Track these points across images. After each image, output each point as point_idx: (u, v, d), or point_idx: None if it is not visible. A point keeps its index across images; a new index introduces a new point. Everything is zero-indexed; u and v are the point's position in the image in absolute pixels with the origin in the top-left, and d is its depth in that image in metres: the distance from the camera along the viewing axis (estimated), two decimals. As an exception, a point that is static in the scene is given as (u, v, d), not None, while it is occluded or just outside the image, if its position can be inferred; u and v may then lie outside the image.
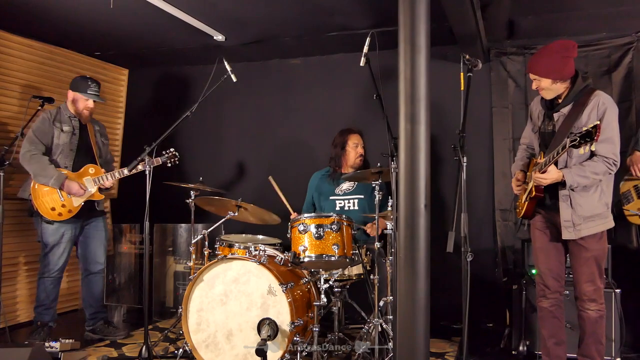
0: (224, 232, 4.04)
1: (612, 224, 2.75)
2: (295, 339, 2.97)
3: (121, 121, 4.98)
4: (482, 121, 4.22)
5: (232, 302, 3.08)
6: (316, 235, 3.04)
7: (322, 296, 3.10)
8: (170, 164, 3.77)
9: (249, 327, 3.03)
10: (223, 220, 3.55)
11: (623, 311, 3.22)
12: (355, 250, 3.22)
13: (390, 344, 3.07)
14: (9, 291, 4.06)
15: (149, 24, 3.91)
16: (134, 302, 4.57)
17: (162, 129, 3.39)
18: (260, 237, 3.85)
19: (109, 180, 3.67)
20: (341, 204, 3.92)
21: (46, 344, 3.14)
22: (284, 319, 2.96)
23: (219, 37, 4.12)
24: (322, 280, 3.13)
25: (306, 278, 3.29)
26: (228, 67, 3.51)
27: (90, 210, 3.75)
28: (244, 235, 3.90)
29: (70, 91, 3.72)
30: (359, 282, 3.48)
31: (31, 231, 4.20)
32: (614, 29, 3.87)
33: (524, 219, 3.01)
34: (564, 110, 2.75)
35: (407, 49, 1.70)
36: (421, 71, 1.69)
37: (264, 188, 4.18)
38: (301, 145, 4.75)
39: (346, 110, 4.60)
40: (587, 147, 2.56)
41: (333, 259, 3.02)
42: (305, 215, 3.15)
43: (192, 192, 3.75)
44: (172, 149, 3.80)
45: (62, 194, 3.58)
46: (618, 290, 3.25)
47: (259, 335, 2.89)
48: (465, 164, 2.45)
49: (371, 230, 3.69)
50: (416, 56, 1.69)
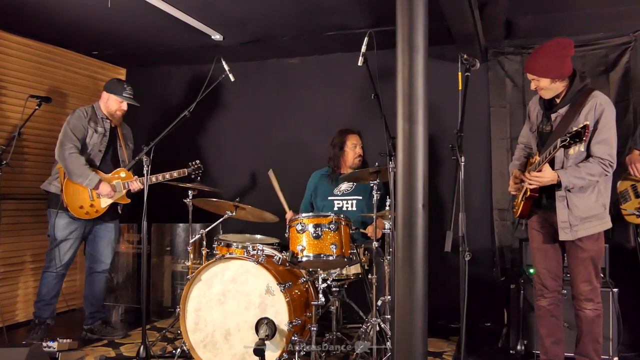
0: (221, 231, 4.04)
1: (610, 224, 2.75)
2: (293, 338, 2.97)
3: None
4: (479, 121, 4.21)
5: (230, 302, 3.08)
6: (314, 234, 3.04)
7: (320, 296, 3.10)
8: (193, 177, 3.81)
9: (247, 327, 3.02)
10: (221, 219, 3.55)
11: (620, 310, 3.23)
12: (353, 249, 3.22)
13: (388, 344, 3.07)
14: (7, 291, 4.07)
15: (147, 24, 3.90)
16: (131, 302, 4.56)
17: (160, 128, 3.38)
18: (258, 236, 3.85)
19: (137, 185, 3.71)
20: (339, 204, 3.92)
21: (44, 344, 3.13)
22: (282, 318, 2.96)
23: (216, 36, 4.11)
24: (320, 280, 3.13)
25: (304, 277, 3.29)
26: (226, 67, 3.51)
27: (113, 212, 3.81)
28: (242, 234, 3.90)
29: (105, 92, 3.80)
30: (357, 281, 3.48)
31: (30, 231, 4.20)
32: (612, 28, 3.87)
33: (520, 219, 3.01)
34: (562, 111, 2.75)
35: (405, 48, 1.69)
36: (419, 71, 1.69)
37: (261, 187, 4.18)
38: (299, 144, 4.75)
39: (344, 109, 4.59)
40: (577, 147, 2.58)
41: (331, 258, 3.02)
42: (304, 214, 3.15)
43: (189, 192, 3.75)
44: (197, 161, 3.86)
45: (92, 193, 3.64)
46: (615, 290, 3.25)
47: (257, 334, 2.88)
48: (463, 163, 2.45)
49: (372, 233, 3.69)
50: (414, 56, 1.68)
